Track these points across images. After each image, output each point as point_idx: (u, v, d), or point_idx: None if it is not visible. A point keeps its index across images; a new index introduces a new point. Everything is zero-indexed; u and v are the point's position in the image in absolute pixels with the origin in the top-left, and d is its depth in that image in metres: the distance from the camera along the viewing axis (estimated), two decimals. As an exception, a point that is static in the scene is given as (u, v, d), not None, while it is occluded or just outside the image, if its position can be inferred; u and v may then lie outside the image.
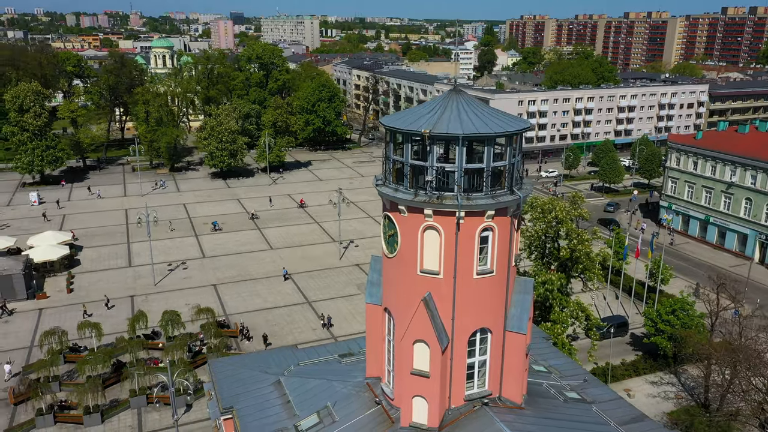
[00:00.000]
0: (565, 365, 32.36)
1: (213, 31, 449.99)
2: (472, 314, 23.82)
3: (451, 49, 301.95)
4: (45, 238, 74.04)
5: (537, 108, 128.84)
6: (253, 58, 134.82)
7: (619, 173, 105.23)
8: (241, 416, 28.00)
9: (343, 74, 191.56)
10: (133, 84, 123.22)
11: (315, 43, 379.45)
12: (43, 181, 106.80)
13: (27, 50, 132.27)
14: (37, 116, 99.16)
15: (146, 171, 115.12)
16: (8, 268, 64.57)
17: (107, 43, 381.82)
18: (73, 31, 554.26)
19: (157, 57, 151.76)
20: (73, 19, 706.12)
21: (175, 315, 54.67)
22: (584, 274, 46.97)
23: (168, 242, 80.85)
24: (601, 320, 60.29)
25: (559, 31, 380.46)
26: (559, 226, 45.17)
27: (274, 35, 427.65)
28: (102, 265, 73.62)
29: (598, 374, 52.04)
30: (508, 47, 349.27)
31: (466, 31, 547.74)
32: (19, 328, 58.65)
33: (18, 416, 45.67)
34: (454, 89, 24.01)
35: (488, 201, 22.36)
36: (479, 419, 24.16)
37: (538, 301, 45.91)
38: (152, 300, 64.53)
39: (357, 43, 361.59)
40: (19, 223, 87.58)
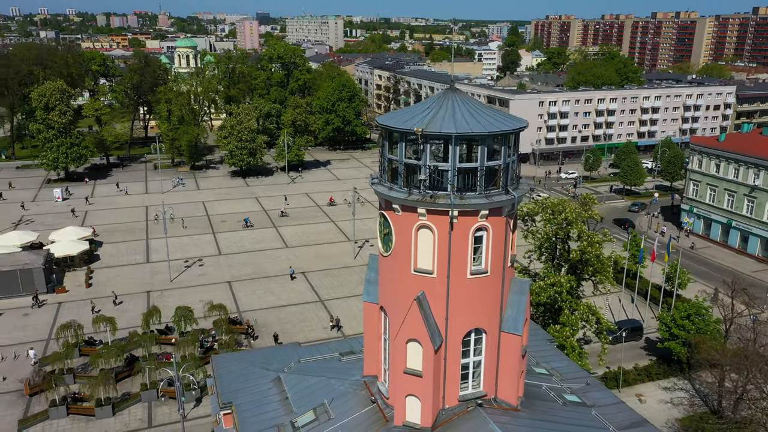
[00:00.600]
0: (567, 368, 32.01)
1: (238, 31, 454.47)
2: (466, 314, 23.72)
3: (474, 49, 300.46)
4: (66, 233, 75.64)
5: (558, 109, 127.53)
6: (274, 57, 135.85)
7: (640, 175, 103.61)
8: (239, 411, 28.28)
9: (365, 74, 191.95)
10: (156, 83, 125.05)
11: (339, 43, 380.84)
12: (68, 177, 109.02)
13: (54, 50, 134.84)
14: (62, 114, 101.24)
15: (167, 169, 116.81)
16: (29, 262, 66.08)
17: (135, 43, 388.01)
18: (103, 31, 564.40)
19: (181, 57, 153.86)
20: (103, 20, 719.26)
21: (187, 311, 55.37)
22: (595, 276, 46.36)
23: (185, 239, 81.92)
24: (616, 324, 59.50)
25: (585, 31, 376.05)
26: (569, 227, 44.65)
27: (299, 35, 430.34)
28: (120, 261, 74.88)
29: (610, 378, 51.43)
30: (533, 48, 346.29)
31: (490, 31, 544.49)
32: (38, 321, 59.96)
33: (32, 407, 46.71)
34: (451, 88, 23.92)
35: (482, 201, 22.24)
36: (472, 420, 24.04)
37: (547, 304, 45.53)
38: (168, 296, 65.43)
39: (380, 43, 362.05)
40: (43, 218, 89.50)
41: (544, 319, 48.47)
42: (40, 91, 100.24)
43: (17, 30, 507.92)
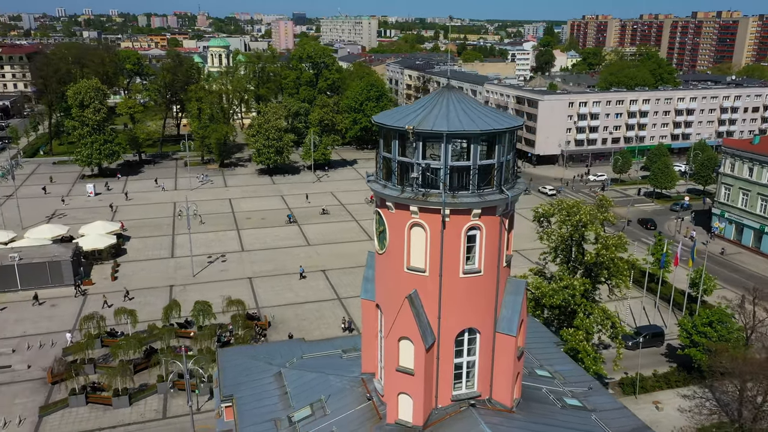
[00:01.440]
0: (571, 371, 31.55)
1: (274, 31, 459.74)
2: (459, 314, 23.60)
3: (507, 49, 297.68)
4: (95, 227, 77.67)
5: (588, 110, 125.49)
6: (304, 57, 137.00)
7: (671, 178, 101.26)
8: (239, 404, 28.68)
9: (395, 74, 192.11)
10: (189, 82, 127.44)
11: (372, 43, 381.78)
12: (101, 173, 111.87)
13: (91, 49, 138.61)
14: (96, 111, 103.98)
15: (197, 166, 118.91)
16: (58, 255, 68.13)
17: (173, 42, 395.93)
18: (143, 31, 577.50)
19: (214, 56, 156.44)
20: (144, 20, 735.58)
21: (206, 305, 56.31)
22: (611, 280, 45.52)
23: (210, 235, 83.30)
24: (637, 329, 58.42)
25: (622, 31, 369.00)
26: (584, 229, 43.92)
27: (333, 35, 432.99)
28: (146, 255, 76.58)
29: (627, 384, 50.54)
30: (568, 48, 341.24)
31: (526, 31, 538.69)
32: (64, 312, 61.75)
33: (54, 395, 48.16)
34: (447, 86, 23.84)
35: (474, 199, 22.11)
36: (464, 420, 23.91)
37: (560, 306, 44.90)
38: (189, 290, 66.62)
39: (414, 43, 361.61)
40: (75, 212, 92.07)
41: (559, 322, 47.82)
42: (75, 89, 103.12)
43: (62, 30, 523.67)
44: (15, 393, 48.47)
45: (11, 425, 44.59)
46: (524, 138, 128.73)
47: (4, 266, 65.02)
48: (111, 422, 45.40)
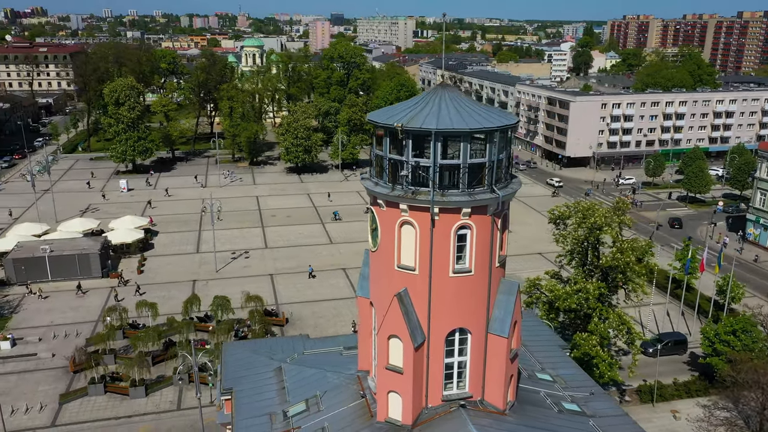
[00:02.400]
0: (574, 376, 30.96)
1: (311, 31, 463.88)
2: (449, 313, 23.43)
3: (544, 50, 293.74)
4: (124, 222, 79.65)
5: (622, 111, 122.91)
6: (335, 57, 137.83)
7: (705, 183, 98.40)
8: (237, 398, 29.06)
9: (428, 74, 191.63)
10: (222, 81, 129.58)
11: (408, 43, 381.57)
12: (135, 170, 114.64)
13: (128, 48, 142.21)
14: (131, 109, 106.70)
15: (227, 164, 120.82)
16: (87, 248, 70.15)
17: (213, 43, 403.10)
18: (185, 31, 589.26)
19: (248, 56, 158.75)
20: (186, 21, 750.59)
21: (224, 300, 57.15)
22: (627, 284, 44.54)
23: (235, 232, 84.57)
24: (659, 336, 57.07)
25: (664, 32, 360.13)
26: (599, 232, 43.04)
27: (369, 35, 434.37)
28: (172, 250, 78.20)
29: (645, 392, 49.40)
30: (607, 49, 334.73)
31: (565, 32, 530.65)
32: (91, 304, 63.52)
33: (75, 383, 49.58)
34: (441, 84, 23.71)
35: (463, 198, 21.93)
36: (452, 421, 23.72)
37: (573, 310, 44.13)
38: (212, 285, 67.75)
39: (449, 43, 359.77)
40: (108, 207, 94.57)
41: (575, 327, 47.04)
42: (111, 87, 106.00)
43: (107, 30, 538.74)
44: (39, 380, 50.09)
45: (33, 411, 46.10)
46: (555, 140, 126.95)
47: (36, 257, 67.22)
48: (127, 412, 46.52)
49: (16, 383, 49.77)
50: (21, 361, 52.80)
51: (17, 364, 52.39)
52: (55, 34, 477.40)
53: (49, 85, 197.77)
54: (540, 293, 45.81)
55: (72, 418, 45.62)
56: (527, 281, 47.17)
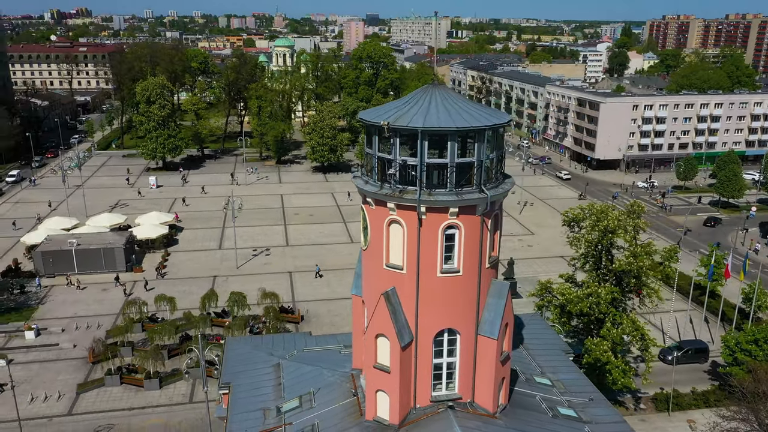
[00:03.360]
0: (575, 381, 30.41)
1: (345, 32, 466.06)
2: (437, 313, 23.29)
3: (579, 50, 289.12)
4: (150, 217, 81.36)
5: (654, 113, 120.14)
6: (364, 57, 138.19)
7: (739, 187, 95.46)
8: (234, 392, 29.41)
9: (459, 74, 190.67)
10: (252, 80, 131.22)
11: (441, 43, 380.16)
12: (165, 167, 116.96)
13: (161, 48, 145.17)
14: (161, 108, 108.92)
15: (254, 162, 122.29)
16: (113, 242, 71.86)
17: (249, 43, 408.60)
18: (223, 32, 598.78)
19: (278, 55, 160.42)
20: (224, 21, 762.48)
21: (241, 296, 57.86)
22: (642, 289, 43.52)
23: (257, 229, 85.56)
24: (679, 343, 55.65)
25: (705, 32, 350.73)
26: (612, 236, 42.13)
27: (402, 36, 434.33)
28: (195, 246, 79.53)
29: (661, 400, 48.23)
30: (645, 49, 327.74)
31: (603, 32, 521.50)
32: (114, 297, 65.04)
33: (93, 374, 50.85)
34: (432, 83, 23.57)
35: (450, 198, 21.76)
36: (439, 422, 23.57)
37: (585, 314, 43.29)
38: (231, 281, 68.66)
39: (484, 44, 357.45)
40: (136, 203, 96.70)
41: (588, 331, 46.17)
42: (143, 86, 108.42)
43: (148, 31, 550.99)
44: (59, 370, 51.54)
45: (51, 399, 47.46)
46: (584, 141, 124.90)
47: (63, 251, 69.17)
48: (141, 403, 47.50)
49: (37, 372, 51.31)
50: (43, 351, 54.42)
51: (39, 354, 54.01)
52: (97, 34, 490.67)
53: (88, 83, 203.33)
54: (552, 296, 45.10)
55: (88, 407, 46.80)
56: (538, 284, 46.54)
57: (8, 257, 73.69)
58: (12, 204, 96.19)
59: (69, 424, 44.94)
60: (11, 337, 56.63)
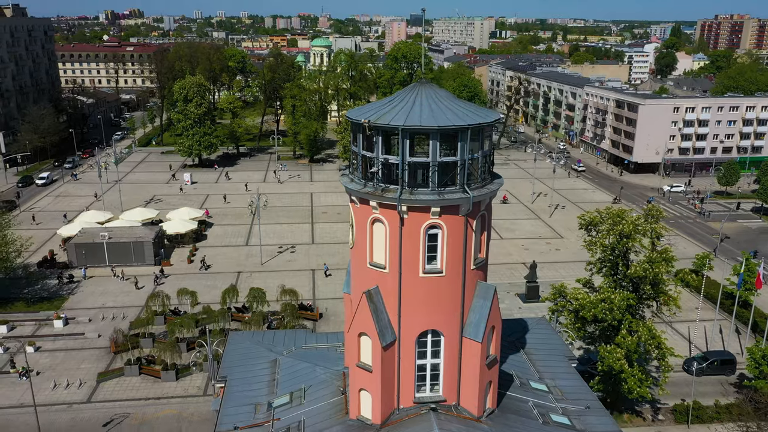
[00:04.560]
0: (574, 387, 29.66)
1: (387, 32, 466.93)
2: (420, 314, 23.06)
3: (624, 51, 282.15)
4: (181, 213, 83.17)
5: (696, 116, 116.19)
6: (399, 57, 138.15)
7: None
8: (229, 386, 29.79)
9: (497, 75, 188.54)
10: (287, 80, 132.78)
11: (483, 43, 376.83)
12: (201, 164, 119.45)
13: (201, 48, 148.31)
14: (198, 106, 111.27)
15: (288, 160, 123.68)
16: (143, 236, 73.78)
17: (292, 43, 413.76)
18: (268, 32, 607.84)
19: (316, 55, 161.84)
20: (270, 22, 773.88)
21: (260, 292, 58.56)
22: (659, 297, 42.12)
23: (285, 227, 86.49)
24: (705, 354, 53.70)
25: (760, 32, 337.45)
26: (626, 240, 40.86)
27: (445, 36, 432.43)
28: (223, 242, 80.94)
29: (680, 412, 46.63)
30: (696, 50, 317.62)
31: (653, 32, 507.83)
32: (141, 290, 66.69)
33: (114, 364, 52.30)
34: (420, 81, 23.35)
35: (431, 197, 21.51)
36: (420, 424, 23.32)
37: (600, 320, 42.15)
38: (255, 277, 69.63)
39: (527, 44, 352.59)
40: (171, 198, 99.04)
41: (604, 338, 44.90)
42: (181, 85, 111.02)
43: (196, 31, 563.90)
44: (83, 358, 53.20)
45: (72, 387, 49.04)
46: (622, 144, 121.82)
47: (95, 243, 71.40)
48: (157, 393, 48.61)
49: (62, 359, 53.09)
50: (70, 340, 56.28)
51: (66, 342, 55.87)
52: (148, 34, 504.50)
53: (134, 82, 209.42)
54: (565, 301, 44.09)
55: (106, 396, 48.17)
56: (552, 288, 45.56)
57: (47, 248, 76.36)
58: (54, 197, 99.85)
59: (87, 411, 46.34)
60: (41, 325, 58.76)
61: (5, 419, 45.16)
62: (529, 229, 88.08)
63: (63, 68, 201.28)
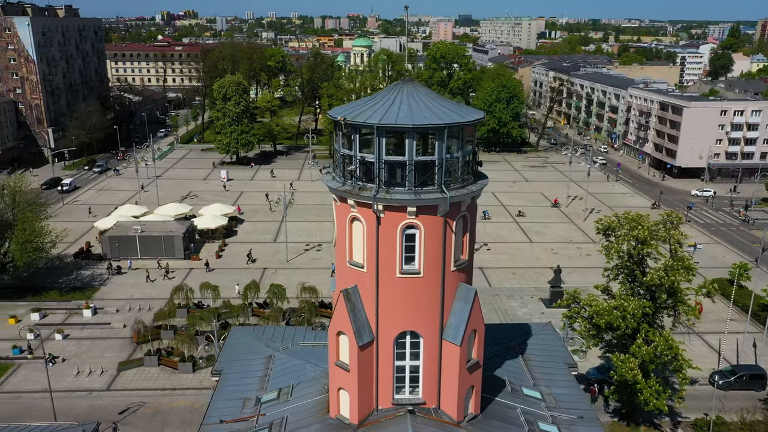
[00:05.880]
0: (569, 396, 28.79)
1: (434, 32, 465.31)
2: (397, 314, 22.79)
3: (677, 52, 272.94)
4: (212, 209, 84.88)
5: (745, 119, 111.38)
6: (437, 57, 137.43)
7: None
8: (223, 380, 30.18)
9: (540, 76, 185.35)
10: (326, 79, 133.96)
11: (530, 44, 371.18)
12: (238, 161, 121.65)
13: (241, 48, 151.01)
14: (236, 104, 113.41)
15: (324, 159, 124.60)
16: (174, 231, 75.61)
17: (338, 43, 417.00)
18: (316, 32, 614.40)
19: (356, 55, 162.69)
20: (320, 22, 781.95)
21: (280, 289, 59.22)
22: (677, 306, 40.49)
23: (314, 224, 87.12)
24: (733, 367, 51.39)
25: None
26: (642, 246, 39.40)
27: (492, 36, 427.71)
28: (252, 238, 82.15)
29: (701, 426, 44.74)
30: (755, 51, 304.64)
31: (710, 32, 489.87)
32: (167, 283, 68.26)
33: (136, 354, 53.75)
34: (403, 80, 23.08)
35: (406, 197, 21.23)
36: (395, 426, 23.06)
37: (614, 328, 40.83)
38: (280, 274, 70.43)
39: (576, 45, 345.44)
40: (207, 195, 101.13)
41: (622, 346, 43.48)
42: (220, 84, 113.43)
43: (246, 31, 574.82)
44: (107, 347, 54.87)
45: (94, 374, 50.64)
46: (665, 148, 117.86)
47: (128, 237, 73.58)
48: (174, 384, 49.68)
49: (88, 348, 54.88)
50: (96, 329, 58.14)
51: (93, 331, 57.75)
52: (200, 34, 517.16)
53: (181, 81, 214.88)
54: (579, 307, 42.87)
55: (125, 384, 49.54)
56: (566, 293, 44.39)
57: (85, 240, 79.07)
58: (96, 191, 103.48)
59: (105, 398, 47.75)
60: (71, 313, 60.90)
61: (29, 403, 46.99)
62: (560, 233, 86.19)
63: (115, 67, 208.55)
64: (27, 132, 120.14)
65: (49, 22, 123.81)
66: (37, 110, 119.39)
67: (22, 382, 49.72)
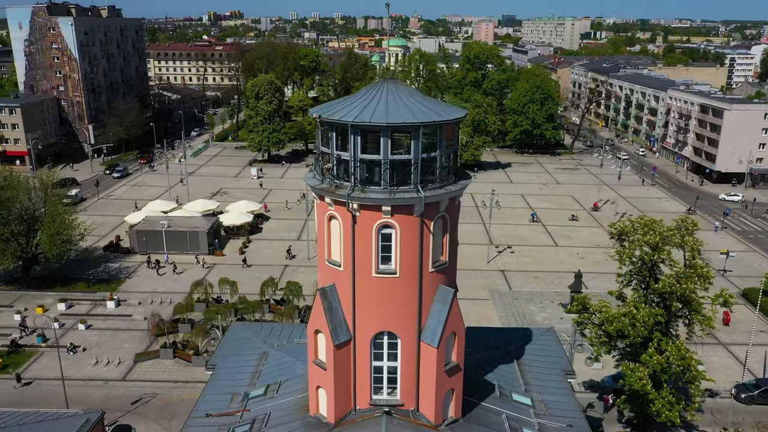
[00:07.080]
0: (561, 404, 28.05)
1: (475, 33, 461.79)
2: (374, 314, 22.61)
3: (726, 53, 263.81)
4: (239, 206, 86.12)
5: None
6: (471, 57, 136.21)
7: None
8: (215, 375, 30.52)
9: (579, 77, 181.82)
10: (358, 78, 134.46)
11: (573, 45, 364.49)
12: (269, 159, 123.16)
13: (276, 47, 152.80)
14: (268, 103, 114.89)
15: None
16: (199, 226, 77.04)
17: (378, 43, 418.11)
18: (359, 32, 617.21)
19: (391, 55, 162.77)
20: (362, 22, 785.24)
21: (296, 286, 59.63)
22: (691, 315, 39.03)
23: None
24: (757, 381, 49.33)
25: None
26: (654, 252, 38.08)
27: (533, 36, 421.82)
28: (277, 236, 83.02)
29: (717, 440, 43.15)
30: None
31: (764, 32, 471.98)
32: (190, 277, 69.46)
33: (154, 346, 54.96)
34: (385, 78, 22.87)
35: (380, 196, 21.02)
36: (371, 427, 22.88)
37: (625, 335, 39.61)
38: (300, 271, 70.90)
39: (620, 45, 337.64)
40: (236, 192, 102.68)
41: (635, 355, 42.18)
42: (253, 83, 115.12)
43: (290, 31, 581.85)
44: (126, 339, 56.27)
45: (111, 365, 52.00)
46: (704, 152, 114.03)
47: (155, 231, 75.30)
48: (187, 377, 50.57)
49: (108, 338, 56.40)
50: (118, 320, 59.72)
51: (114, 322, 59.33)
52: (245, 35, 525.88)
53: (221, 80, 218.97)
54: (589, 314, 41.76)
55: (140, 375, 50.70)
56: (576, 299, 43.31)
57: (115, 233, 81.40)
58: (130, 186, 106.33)
59: (120, 388, 48.96)
60: (96, 304, 62.70)
61: (49, 390, 48.52)
62: (588, 238, 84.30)
63: (158, 66, 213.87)
64: (69, 128, 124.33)
65: (92, 22, 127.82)
66: (78, 107, 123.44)
67: (43, 370, 51.42)
